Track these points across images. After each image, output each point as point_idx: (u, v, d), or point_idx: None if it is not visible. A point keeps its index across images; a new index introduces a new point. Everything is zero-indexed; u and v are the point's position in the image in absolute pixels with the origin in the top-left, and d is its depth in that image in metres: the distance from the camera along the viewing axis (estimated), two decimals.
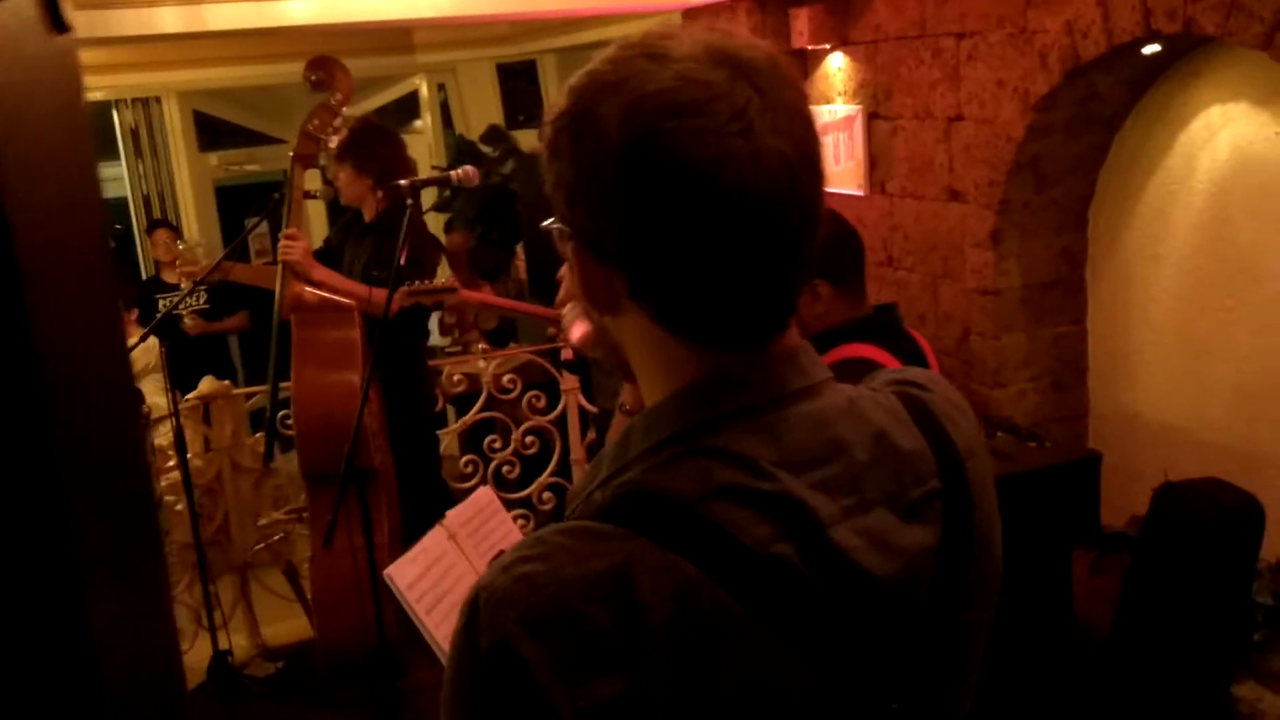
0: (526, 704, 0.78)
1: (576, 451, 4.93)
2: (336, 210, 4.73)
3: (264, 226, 8.19)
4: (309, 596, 4.02)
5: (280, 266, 3.69)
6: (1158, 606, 3.04)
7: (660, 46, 0.85)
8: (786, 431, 0.88)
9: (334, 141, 3.82)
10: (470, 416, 4.75)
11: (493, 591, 0.81)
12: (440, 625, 2.76)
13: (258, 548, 4.56)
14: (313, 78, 3.82)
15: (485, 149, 8.27)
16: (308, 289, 3.66)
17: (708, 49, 0.84)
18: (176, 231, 7.34)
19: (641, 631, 0.78)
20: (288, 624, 4.52)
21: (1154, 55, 3.23)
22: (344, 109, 3.85)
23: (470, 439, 4.86)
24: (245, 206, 8.57)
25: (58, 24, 1.00)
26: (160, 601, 1.30)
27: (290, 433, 4.40)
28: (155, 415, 4.58)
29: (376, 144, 3.92)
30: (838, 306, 2.30)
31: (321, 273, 3.75)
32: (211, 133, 8.54)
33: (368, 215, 3.99)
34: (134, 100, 8.00)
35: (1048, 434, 3.67)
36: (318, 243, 4.56)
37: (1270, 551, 3.05)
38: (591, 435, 4.75)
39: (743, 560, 0.82)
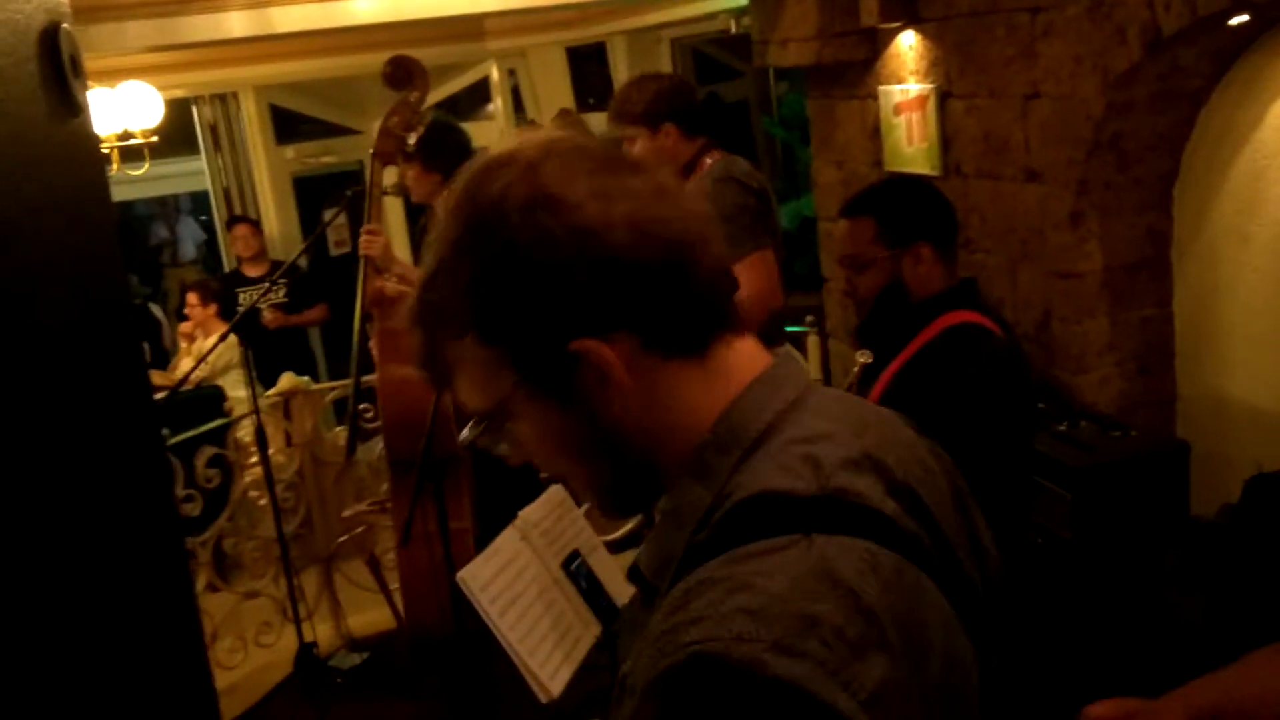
0: None
1: None
2: (412, 207, 4.77)
3: (342, 218, 8.31)
4: (392, 587, 4.07)
5: (362, 261, 3.74)
6: (1250, 598, 2.95)
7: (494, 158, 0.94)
8: (828, 409, 0.96)
9: (413, 139, 3.85)
10: None
11: (715, 641, 0.77)
12: (514, 627, 2.78)
13: (341, 540, 4.63)
14: (392, 76, 3.86)
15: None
16: (388, 284, 3.71)
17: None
18: (256, 226, 7.46)
19: (867, 613, 0.80)
20: (372, 615, 4.59)
21: (1241, 26, 3.10)
22: (423, 107, 3.87)
23: None
24: (322, 197, 8.70)
25: (71, 108, 1.00)
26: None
27: (371, 426, 4.47)
28: (237, 411, 4.67)
29: (443, 140, 3.94)
30: (938, 271, 2.38)
31: (401, 266, 3.81)
32: (287, 126, 8.65)
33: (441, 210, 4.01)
34: (212, 97, 8.14)
35: (1134, 420, 3.56)
36: (397, 237, 4.61)
37: None
38: None
39: (891, 527, 0.87)
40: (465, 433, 0.98)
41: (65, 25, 0.96)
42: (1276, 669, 1.21)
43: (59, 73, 0.96)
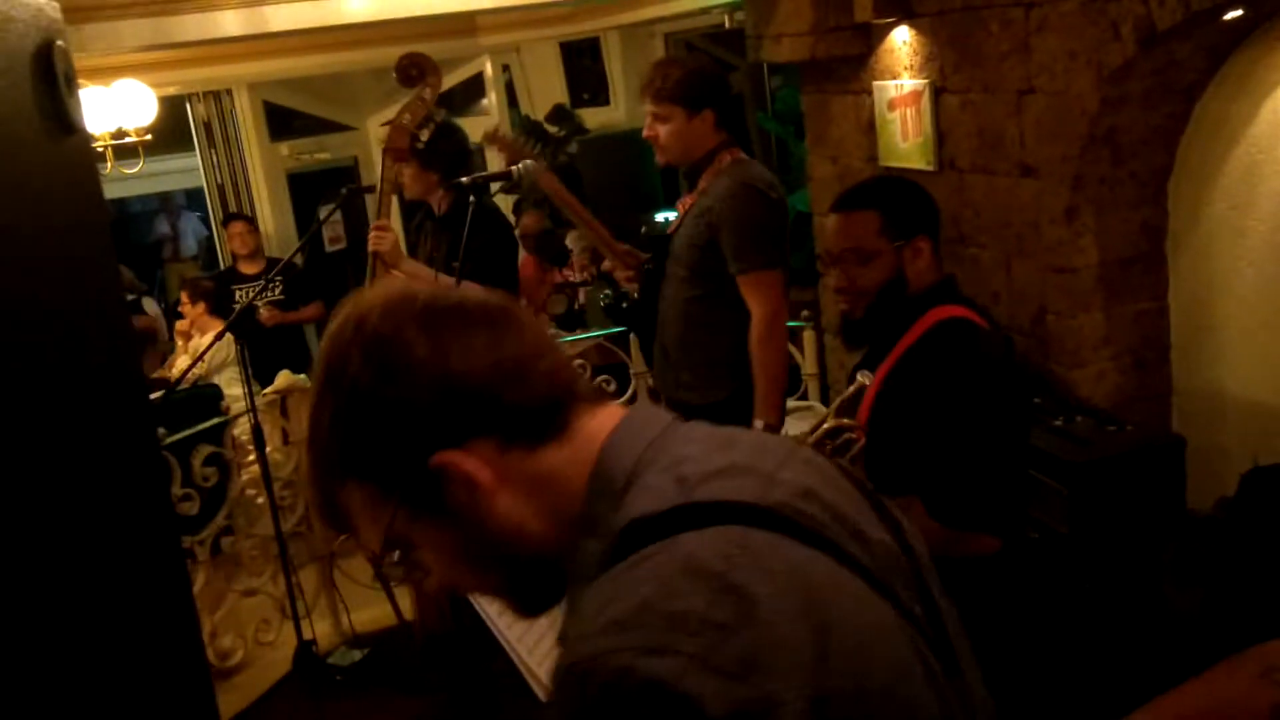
0: None
1: None
2: (407, 205, 4.77)
3: (336, 215, 8.30)
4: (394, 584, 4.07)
5: (370, 257, 3.74)
6: (1247, 592, 2.96)
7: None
8: (690, 436, 1.00)
9: (426, 135, 3.86)
10: None
11: (590, 658, 0.81)
12: (512, 625, 2.78)
13: (343, 537, 4.63)
14: (405, 72, 3.86)
15: (551, 129, 8.27)
16: (398, 280, 3.71)
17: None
18: (252, 223, 7.45)
19: (738, 590, 0.82)
20: (372, 611, 4.60)
21: (1235, 21, 3.10)
22: (435, 103, 3.89)
23: None
24: (317, 194, 8.69)
25: (65, 127, 1.00)
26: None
27: None
28: (234, 410, 4.67)
29: (440, 139, 3.94)
30: (934, 265, 2.41)
31: (410, 265, 3.81)
32: (282, 122, 8.64)
33: (438, 210, 4.01)
34: (206, 94, 8.13)
35: (1130, 414, 3.58)
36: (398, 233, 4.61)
37: None
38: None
39: (767, 515, 0.90)
40: (380, 567, 1.04)
41: (59, 43, 0.96)
42: (1237, 681, 1.21)
43: (54, 92, 0.97)
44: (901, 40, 4.17)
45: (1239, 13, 3.04)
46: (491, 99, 8.74)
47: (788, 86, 7.08)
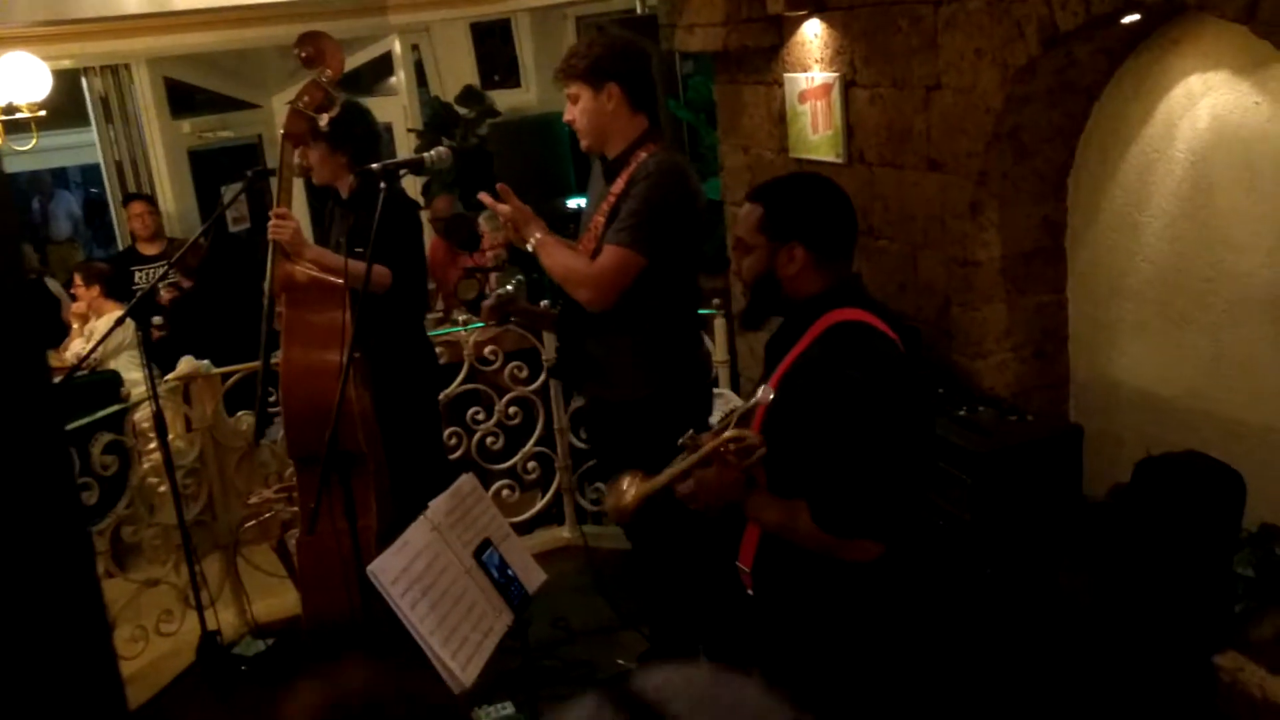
0: None
1: (560, 420, 4.93)
2: (315, 190, 4.68)
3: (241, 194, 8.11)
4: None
5: (270, 245, 3.65)
6: (1140, 578, 3.07)
7: None
8: None
9: (325, 120, 3.75)
10: (452, 388, 4.75)
11: None
12: (425, 619, 2.78)
13: (249, 524, 4.56)
14: (303, 54, 3.76)
15: (461, 110, 8.19)
16: (298, 268, 3.63)
17: None
18: (152, 202, 7.25)
19: None
20: (278, 600, 4.53)
21: (1133, 24, 3.20)
22: (335, 85, 3.79)
23: (453, 411, 4.85)
24: (220, 172, 8.49)
25: None
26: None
27: (274, 412, 4.39)
28: (134, 396, 4.55)
29: (352, 123, 3.87)
30: (811, 274, 2.38)
31: (313, 252, 3.71)
32: (183, 99, 8.42)
33: (344, 194, 3.94)
34: (102, 68, 7.86)
35: (1030, 403, 3.68)
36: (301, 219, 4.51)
37: (1251, 520, 3.07)
38: (577, 403, 4.74)
39: None
40: None
41: None
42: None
43: None
44: (813, 33, 4.21)
45: (1136, 17, 3.14)
46: (400, 78, 8.62)
47: (699, 74, 7.10)
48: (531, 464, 4.91)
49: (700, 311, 3.93)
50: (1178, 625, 3.02)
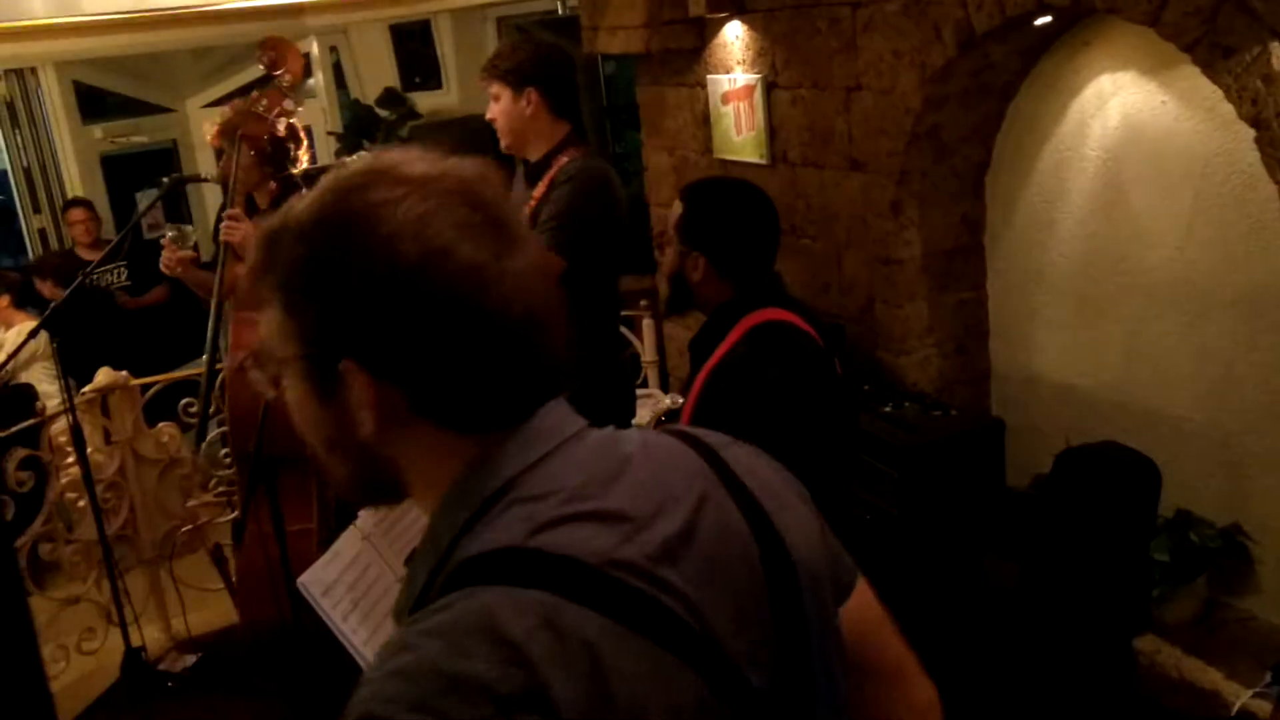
0: None
1: None
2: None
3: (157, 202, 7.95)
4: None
5: (221, 247, 3.60)
6: (1061, 564, 3.15)
7: (400, 172, 0.94)
8: (579, 462, 0.95)
9: (284, 125, 3.71)
10: None
11: (371, 702, 0.81)
12: (357, 630, 2.74)
13: (185, 529, 4.49)
14: (264, 59, 3.72)
15: (382, 112, 8.10)
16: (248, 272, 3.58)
17: (443, 177, 0.94)
18: (91, 208, 7.06)
19: (528, 666, 0.80)
20: (204, 614, 4.45)
21: (1045, 26, 3.28)
22: (294, 90, 3.75)
23: None
24: (134, 177, 8.30)
25: None
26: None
27: (192, 420, 4.31)
28: (49, 409, 4.44)
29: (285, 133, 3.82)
30: (715, 284, 2.37)
31: None
32: (94, 103, 8.21)
33: (262, 202, 3.89)
34: (7, 71, 7.64)
35: (952, 398, 3.75)
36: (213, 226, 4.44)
37: (1166, 507, 3.16)
38: None
39: (594, 579, 0.87)
40: (245, 361, 1.03)
41: None
42: None
43: None
44: (734, 35, 4.24)
45: (1048, 19, 3.21)
46: (319, 80, 8.50)
47: (621, 74, 7.12)
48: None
49: (624, 313, 3.96)
50: (1099, 610, 3.10)
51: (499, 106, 3.24)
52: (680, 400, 2.38)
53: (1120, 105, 3.30)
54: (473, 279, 0.90)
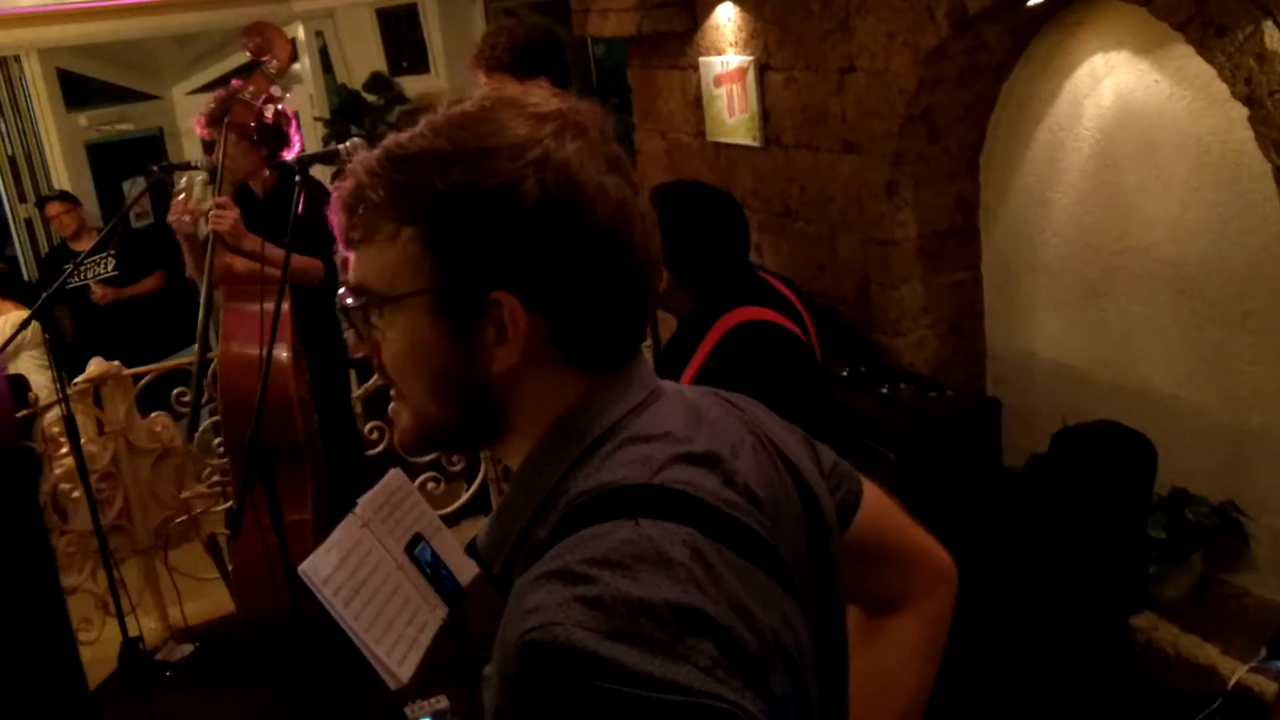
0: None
1: None
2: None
3: (141, 186, 7.90)
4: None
5: (210, 236, 3.59)
6: (1059, 543, 3.16)
7: (536, 108, 0.94)
8: (670, 408, 0.99)
9: (271, 112, 3.69)
10: (373, 382, 4.69)
11: (553, 626, 0.79)
12: (359, 617, 2.75)
13: (179, 520, 4.48)
14: (249, 45, 3.69)
15: (369, 97, 8.06)
16: (239, 260, 3.56)
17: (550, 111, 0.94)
18: (69, 200, 7.00)
19: (701, 588, 0.83)
20: (200, 603, 4.44)
21: (1038, 5, 3.27)
22: (282, 76, 3.73)
23: (374, 405, 4.80)
24: (120, 166, 8.24)
25: None
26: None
27: (185, 410, 4.30)
28: (41, 399, 4.42)
29: (277, 118, 3.80)
30: (676, 294, 2.31)
31: (253, 242, 3.63)
32: (78, 91, 8.14)
33: (257, 189, 3.87)
34: None
35: (948, 378, 3.76)
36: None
37: (1162, 485, 3.18)
38: None
39: (717, 515, 0.90)
40: (342, 298, 0.97)
41: None
42: None
43: None
44: (726, 17, 4.23)
45: None
46: (305, 65, 8.44)
47: (610, 57, 7.09)
48: (455, 455, 4.89)
49: None
50: (1096, 588, 3.12)
51: None
52: None
53: (1113, 85, 3.30)
54: (623, 214, 0.93)
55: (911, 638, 1.29)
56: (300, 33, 8.27)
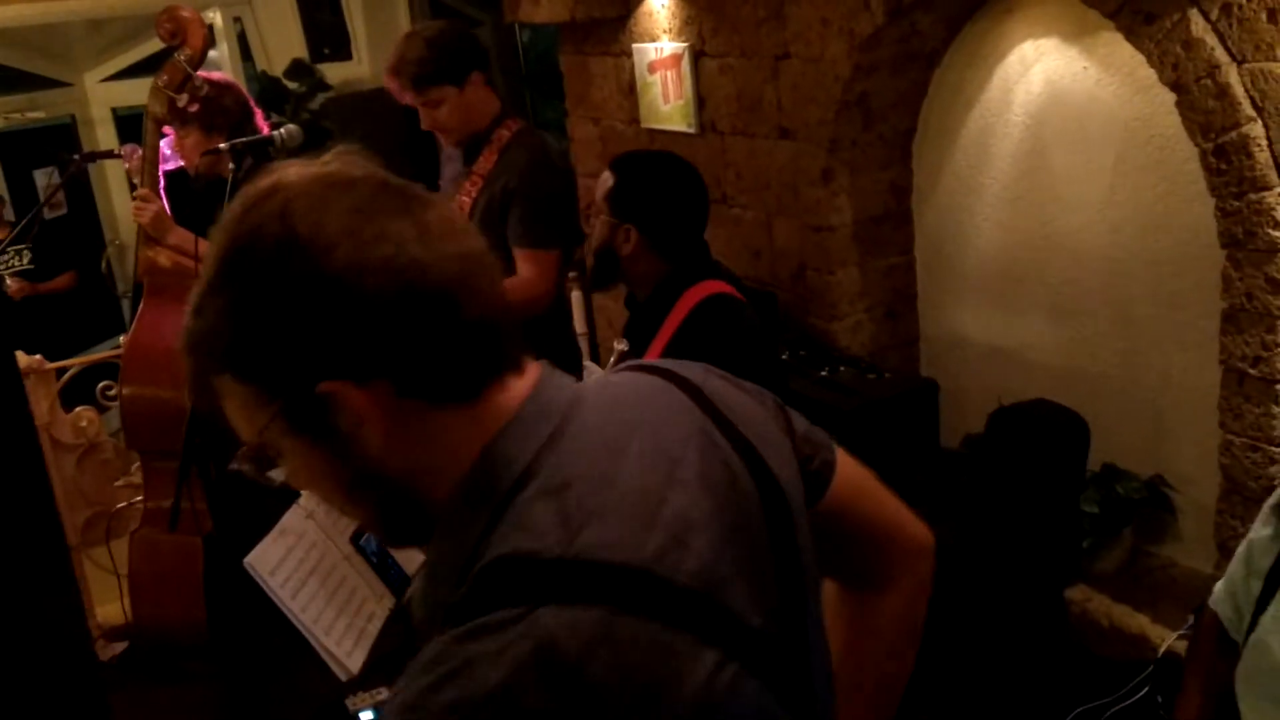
0: None
1: None
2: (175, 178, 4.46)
3: (55, 177, 7.69)
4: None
5: (136, 229, 3.48)
6: (996, 520, 3.24)
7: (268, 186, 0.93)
8: (588, 438, 0.94)
9: (184, 100, 3.55)
10: None
11: None
12: (307, 608, 2.71)
13: (120, 506, 4.38)
14: (163, 31, 3.56)
15: (291, 84, 7.91)
16: (163, 253, 3.46)
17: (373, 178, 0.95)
18: None
19: (588, 690, 0.80)
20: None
21: None
22: (198, 63, 3.60)
23: None
24: (30, 154, 8.00)
25: None
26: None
27: (111, 404, 4.19)
28: None
29: (221, 100, 3.65)
30: (646, 256, 2.37)
31: (178, 235, 3.51)
32: None
33: (230, 177, 3.77)
34: None
35: (885, 361, 3.83)
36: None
37: (1094, 461, 3.27)
38: None
39: (640, 581, 0.86)
40: (235, 463, 0.97)
41: None
42: None
43: None
44: (660, 4, 4.24)
45: None
46: (223, 51, 8.26)
47: (539, 43, 7.06)
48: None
49: None
50: (1032, 562, 3.20)
51: (445, 108, 3.13)
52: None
53: (1043, 71, 3.38)
54: (397, 246, 0.89)
55: (891, 616, 1.28)
56: (218, 19, 8.08)
